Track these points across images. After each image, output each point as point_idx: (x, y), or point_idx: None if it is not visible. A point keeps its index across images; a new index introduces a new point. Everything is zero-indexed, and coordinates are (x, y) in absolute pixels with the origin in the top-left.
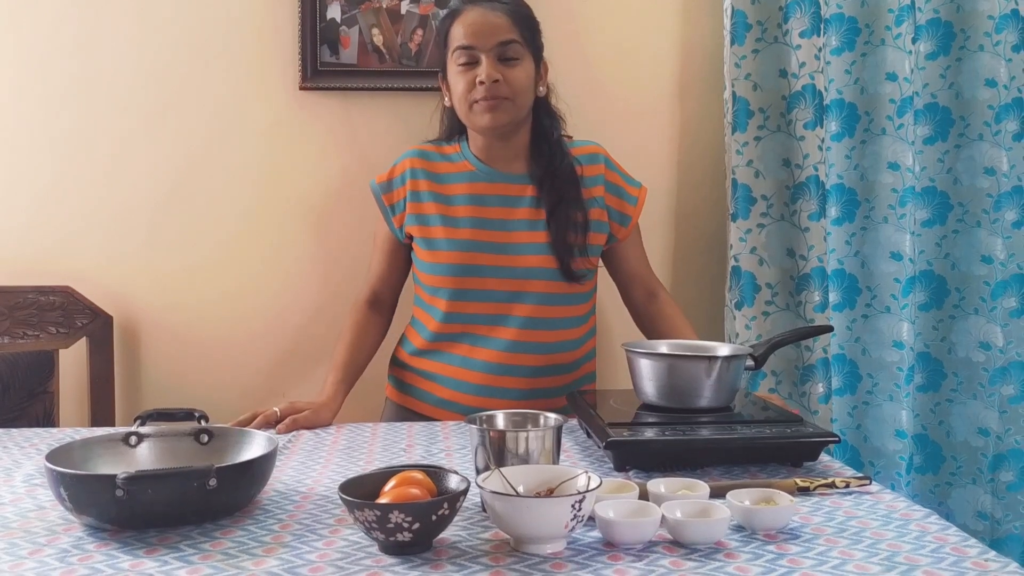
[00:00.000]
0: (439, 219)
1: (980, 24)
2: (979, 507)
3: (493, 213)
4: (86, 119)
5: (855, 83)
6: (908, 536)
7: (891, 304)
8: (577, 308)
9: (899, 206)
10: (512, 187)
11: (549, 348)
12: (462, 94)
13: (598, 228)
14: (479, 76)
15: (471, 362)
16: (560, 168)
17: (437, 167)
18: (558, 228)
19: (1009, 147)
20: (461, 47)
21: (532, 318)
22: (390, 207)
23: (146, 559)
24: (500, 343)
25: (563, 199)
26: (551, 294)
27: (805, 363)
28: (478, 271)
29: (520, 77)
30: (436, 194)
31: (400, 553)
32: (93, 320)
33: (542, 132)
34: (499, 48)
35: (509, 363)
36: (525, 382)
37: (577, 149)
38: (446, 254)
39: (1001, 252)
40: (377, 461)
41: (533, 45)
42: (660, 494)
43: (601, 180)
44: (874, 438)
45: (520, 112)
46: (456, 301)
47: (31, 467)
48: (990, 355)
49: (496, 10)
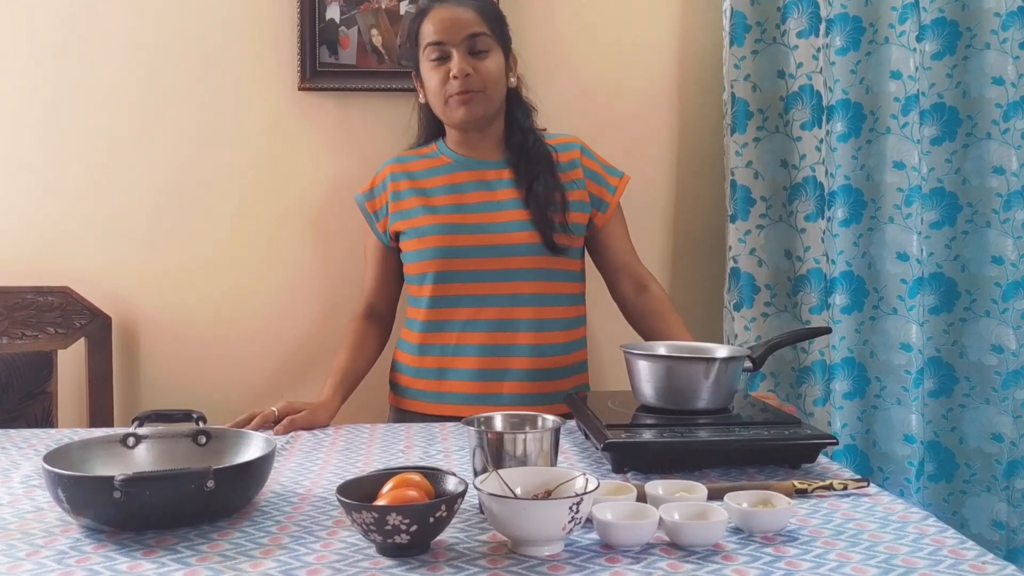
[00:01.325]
0: (421, 209)
1: (986, 22)
2: (994, 516)
3: (472, 198)
4: (84, 119)
5: (860, 83)
6: (906, 538)
7: (898, 305)
8: (565, 285)
9: (905, 206)
10: (489, 172)
11: (540, 325)
12: (436, 89)
13: (579, 208)
14: (451, 70)
15: (464, 348)
16: (533, 149)
17: (415, 166)
18: (537, 204)
19: (1018, 145)
20: (432, 43)
21: (520, 294)
22: (374, 214)
23: (144, 561)
24: (490, 324)
25: (538, 177)
26: (537, 269)
27: (801, 365)
28: (462, 251)
29: (491, 68)
30: (416, 189)
31: (398, 555)
32: (92, 321)
33: (515, 122)
34: (469, 41)
35: (502, 343)
36: (519, 362)
37: (553, 140)
38: (429, 239)
39: (1012, 252)
40: (375, 463)
41: (502, 37)
42: (658, 496)
43: (578, 164)
44: (882, 443)
45: (493, 103)
46: (443, 284)
47: (29, 468)
48: (1002, 358)
49: (463, 4)
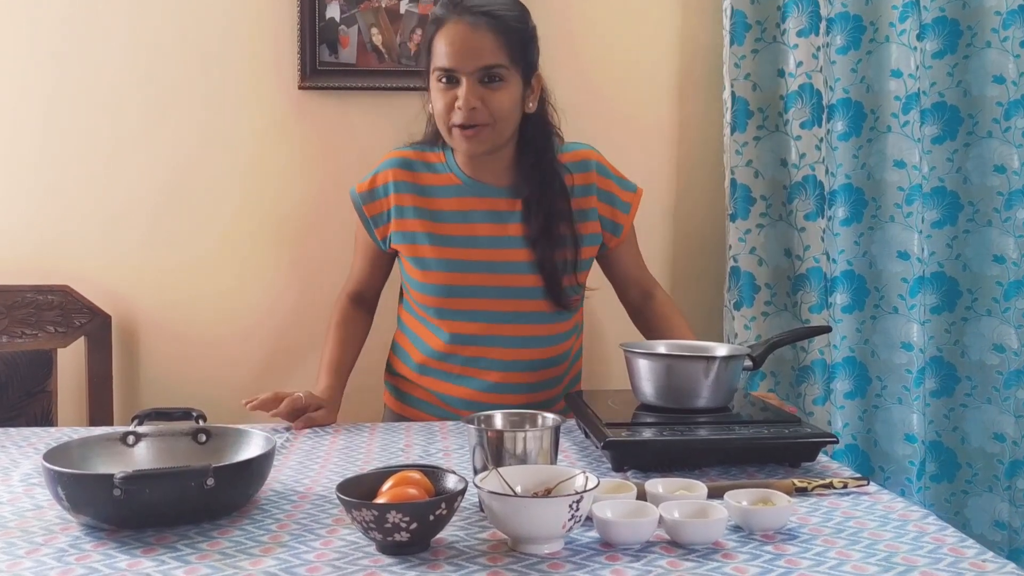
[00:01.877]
0: (426, 237)
1: (987, 20)
2: (996, 516)
3: (483, 230)
4: (84, 118)
5: (861, 81)
6: (906, 536)
7: (899, 305)
8: (566, 324)
9: (906, 204)
10: (501, 202)
11: (543, 364)
12: (441, 114)
13: (591, 241)
14: (458, 100)
15: (467, 380)
16: (546, 181)
17: (421, 179)
18: (544, 249)
19: (1020, 144)
20: (441, 68)
21: (526, 337)
22: (372, 219)
23: (144, 559)
24: (494, 363)
25: (552, 218)
26: (542, 312)
27: (801, 364)
28: (470, 292)
29: (503, 102)
30: (422, 210)
31: (398, 553)
32: (91, 319)
33: (530, 144)
34: (481, 72)
35: (504, 382)
36: (520, 399)
37: (567, 155)
38: (436, 274)
39: (1014, 251)
40: (375, 461)
41: (523, 63)
42: (658, 494)
43: (593, 190)
44: (883, 442)
45: (501, 138)
46: (448, 320)
47: (29, 466)
48: (1004, 358)
49: (481, 28)
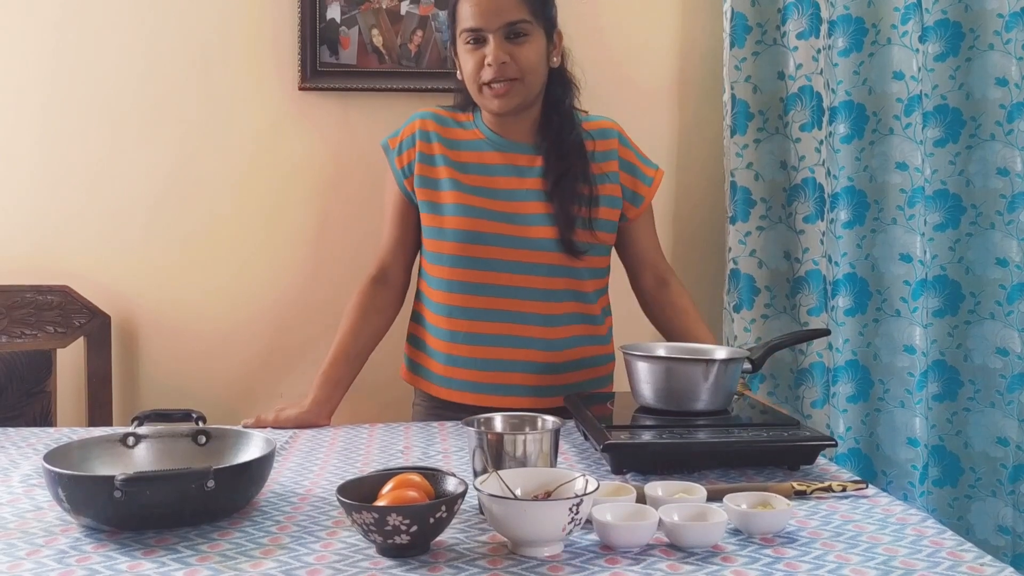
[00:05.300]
0: (450, 183)
1: (989, 23)
2: (1000, 521)
3: (502, 183)
4: (84, 118)
5: (863, 84)
6: (904, 540)
7: (901, 308)
8: (585, 283)
9: (908, 207)
10: (522, 157)
11: (558, 320)
12: (471, 74)
13: (610, 203)
14: (487, 57)
15: (478, 337)
16: (567, 140)
17: (451, 132)
18: (561, 200)
19: (1022, 146)
20: (467, 29)
21: (540, 289)
22: (401, 170)
23: (144, 560)
24: (508, 315)
25: (568, 171)
26: (558, 266)
27: (800, 367)
28: (485, 239)
29: (530, 56)
30: (449, 159)
31: (398, 555)
32: (91, 319)
33: (554, 103)
34: (506, 28)
35: (519, 335)
36: (538, 355)
37: (590, 124)
38: (454, 219)
39: (1016, 254)
40: (374, 463)
41: (545, 18)
42: (657, 497)
43: (614, 155)
44: (886, 446)
45: (531, 91)
46: (462, 269)
47: (29, 467)
48: (1007, 361)
49: None
